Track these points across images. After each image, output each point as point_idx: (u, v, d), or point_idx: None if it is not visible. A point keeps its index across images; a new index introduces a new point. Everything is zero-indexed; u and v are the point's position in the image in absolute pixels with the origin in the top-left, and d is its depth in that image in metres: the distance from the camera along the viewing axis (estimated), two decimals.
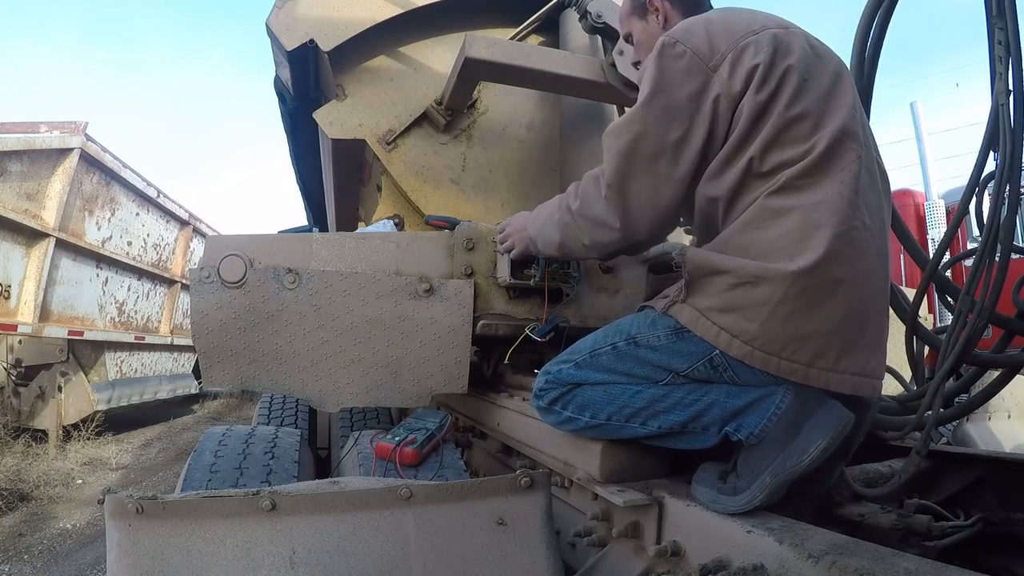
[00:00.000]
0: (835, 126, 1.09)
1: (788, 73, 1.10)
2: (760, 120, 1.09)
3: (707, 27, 1.17)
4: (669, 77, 1.14)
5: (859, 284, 1.04)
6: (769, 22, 1.18)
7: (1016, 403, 2.83)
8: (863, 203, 1.08)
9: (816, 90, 1.12)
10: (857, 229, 1.05)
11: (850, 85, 1.19)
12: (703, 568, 0.93)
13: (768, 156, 1.08)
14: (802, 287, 1.00)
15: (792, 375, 1.03)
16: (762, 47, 1.12)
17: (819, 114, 1.10)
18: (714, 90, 1.12)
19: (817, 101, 1.11)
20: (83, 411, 6.24)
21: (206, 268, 1.63)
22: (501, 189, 2.55)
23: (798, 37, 1.18)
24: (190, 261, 8.61)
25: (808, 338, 1.02)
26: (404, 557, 0.91)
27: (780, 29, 1.17)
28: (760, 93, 1.09)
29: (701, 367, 1.11)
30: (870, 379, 1.06)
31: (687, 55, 1.13)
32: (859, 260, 1.05)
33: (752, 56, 1.11)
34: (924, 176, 8.17)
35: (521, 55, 2.13)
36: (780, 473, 0.99)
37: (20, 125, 5.54)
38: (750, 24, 1.16)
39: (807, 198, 1.04)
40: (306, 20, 2.30)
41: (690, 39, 1.15)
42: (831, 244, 1.01)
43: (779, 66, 1.10)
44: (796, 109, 1.09)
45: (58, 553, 3.61)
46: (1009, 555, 1.26)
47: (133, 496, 0.86)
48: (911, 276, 6.45)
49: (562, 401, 1.24)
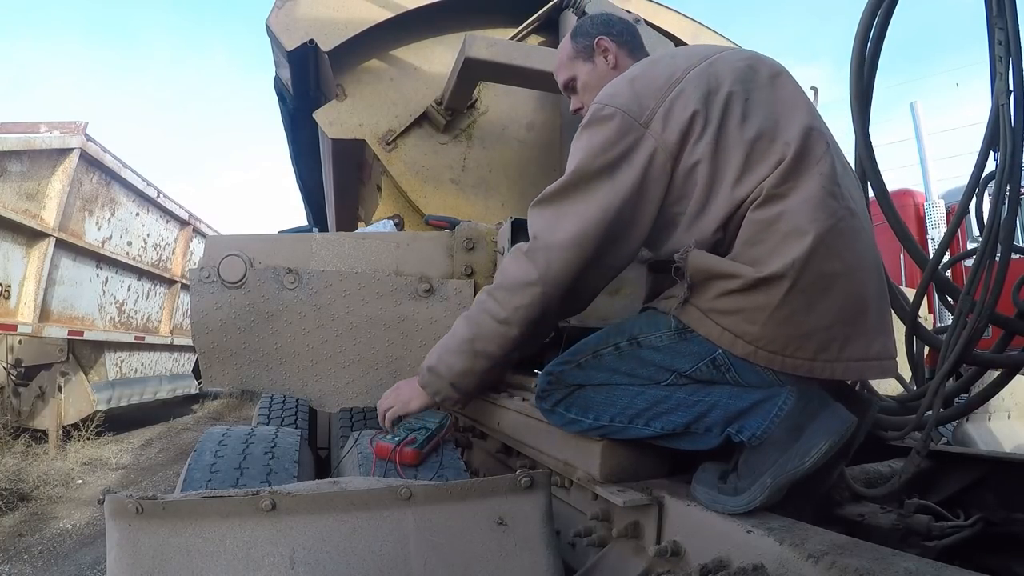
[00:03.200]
0: (797, 125, 1.10)
1: (730, 102, 1.12)
2: (718, 155, 1.10)
3: (632, 85, 1.16)
4: (602, 140, 1.12)
5: (853, 274, 1.05)
6: (691, 61, 1.19)
7: (1016, 403, 2.83)
8: (845, 191, 1.10)
9: (763, 101, 1.14)
10: (844, 219, 1.06)
11: (791, 81, 1.21)
12: (703, 568, 0.93)
13: (744, 181, 1.08)
14: (799, 289, 1.00)
15: (797, 370, 1.03)
16: (691, 95, 1.12)
17: (775, 121, 1.12)
18: (652, 145, 1.11)
19: (768, 111, 1.13)
20: (83, 411, 6.25)
21: (206, 268, 1.63)
22: (501, 189, 2.55)
23: (724, 61, 1.19)
24: (190, 261, 8.60)
25: (810, 335, 1.02)
26: (404, 557, 0.91)
27: (703, 62, 1.18)
28: (704, 137, 1.10)
29: (704, 367, 1.11)
30: (875, 362, 1.06)
31: (616, 115, 1.13)
32: (850, 250, 1.05)
33: (683, 106, 1.11)
34: (924, 176, 8.17)
35: (521, 55, 2.13)
36: (781, 474, 0.99)
37: (20, 125, 5.54)
38: (672, 72, 1.16)
39: (792, 200, 1.05)
40: (306, 20, 2.30)
41: (618, 100, 1.14)
42: (820, 240, 1.01)
43: (716, 102, 1.11)
44: (752, 130, 1.10)
45: (58, 553, 3.61)
46: (1009, 555, 1.26)
47: (133, 496, 0.86)
48: (911, 276, 6.45)
49: (565, 403, 1.24)
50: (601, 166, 1.12)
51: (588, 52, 1.45)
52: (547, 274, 1.13)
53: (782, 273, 1.00)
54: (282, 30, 2.28)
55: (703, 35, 2.83)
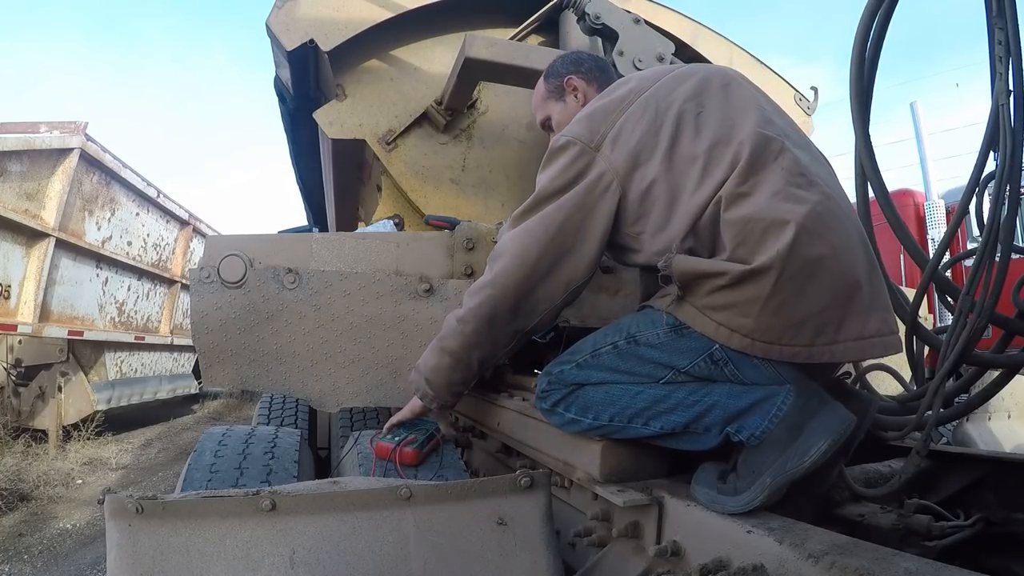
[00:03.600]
0: (749, 127, 1.13)
1: (681, 118, 1.17)
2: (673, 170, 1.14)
3: (586, 115, 1.25)
4: (559, 166, 1.22)
5: (840, 254, 1.05)
6: (643, 84, 1.26)
7: (1016, 403, 2.83)
8: (815, 178, 1.11)
9: (716, 110, 1.18)
10: (821, 203, 1.07)
11: (743, 87, 1.25)
12: (703, 568, 0.93)
13: (702, 187, 1.11)
14: (787, 277, 1.01)
15: (795, 357, 1.03)
16: (639, 119, 1.19)
17: (729, 127, 1.15)
18: (601, 168, 1.19)
19: (722, 118, 1.17)
20: (83, 411, 6.24)
21: (206, 268, 1.63)
22: (501, 189, 2.55)
23: (674, 81, 1.25)
24: (190, 261, 8.60)
25: (804, 321, 1.03)
26: (404, 557, 0.91)
27: (654, 85, 1.24)
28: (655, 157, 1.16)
29: (702, 363, 1.11)
30: (873, 339, 1.06)
31: (570, 145, 1.22)
32: (832, 232, 1.06)
33: (631, 130, 1.18)
34: (924, 176, 8.17)
35: (521, 55, 2.13)
36: (781, 474, 0.99)
37: (20, 125, 5.54)
38: (624, 97, 1.24)
39: (759, 197, 1.06)
40: (306, 20, 2.30)
41: (572, 130, 1.24)
42: (801, 227, 1.02)
43: (666, 121, 1.17)
44: (707, 140, 1.14)
45: (58, 553, 3.61)
46: (1009, 555, 1.26)
47: (133, 496, 0.86)
48: (911, 276, 6.45)
49: (565, 403, 1.25)
50: (554, 189, 1.21)
51: (559, 92, 1.54)
52: (495, 279, 1.22)
53: (768, 264, 1.01)
54: (282, 30, 2.28)
55: (702, 35, 2.83)
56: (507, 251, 1.23)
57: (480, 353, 1.29)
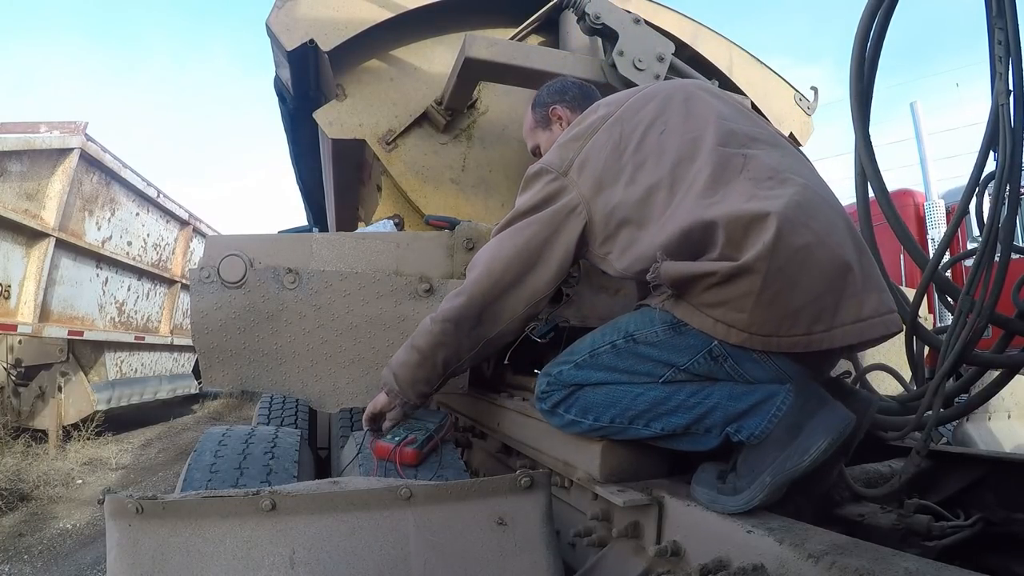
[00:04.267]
0: (709, 141, 1.17)
1: (644, 139, 1.23)
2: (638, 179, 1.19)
3: (558, 144, 1.34)
4: (533, 191, 1.31)
5: (827, 240, 1.05)
6: (610, 109, 1.33)
7: (1016, 403, 2.83)
8: (787, 172, 1.12)
9: (677, 128, 1.22)
10: (799, 193, 1.07)
11: (703, 100, 1.29)
12: (703, 568, 0.93)
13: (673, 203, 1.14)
14: (776, 268, 1.01)
15: (795, 347, 1.03)
16: (605, 143, 1.26)
17: (690, 142, 1.19)
18: (569, 192, 1.26)
19: (683, 135, 1.21)
20: (83, 411, 6.24)
21: (206, 268, 1.63)
22: (501, 189, 2.55)
23: (642, 98, 1.31)
24: (190, 261, 8.60)
25: (799, 311, 1.03)
26: (404, 557, 0.91)
27: (619, 108, 1.31)
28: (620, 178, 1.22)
29: (701, 360, 1.11)
30: (872, 320, 1.06)
31: (543, 172, 1.31)
32: (815, 219, 1.06)
33: (597, 155, 1.25)
34: (924, 176, 8.17)
35: (521, 55, 2.13)
36: (780, 473, 0.99)
37: (20, 125, 5.53)
38: (591, 123, 1.31)
39: (731, 202, 1.07)
40: (306, 20, 2.30)
41: (546, 159, 1.33)
42: (784, 218, 1.02)
43: (631, 144, 1.23)
44: (668, 162, 1.18)
45: (58, 553, 3.60)
46: (1009, 555, 1.26)
47: (133, 496, 0.86)
48: (911, 276, 6.45)
49: (565, 404, 1.25)
50: (525, 209, 1.30)
51: (545, 121, 1.63)
52: (466, 287, 1.30)
53: (756, 258, 1.01)
54: (282, 30, 2.28)
55: (702, 35, 2.83)
56: (479, 262, 1.32)
57: (445, 353, 1.33)
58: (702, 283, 1.07)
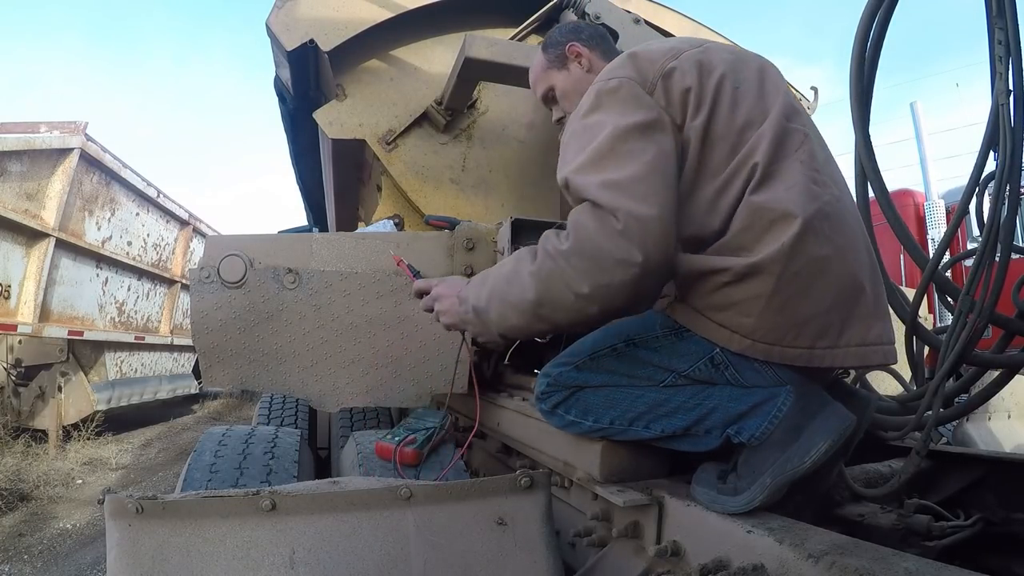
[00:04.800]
0: (775, 115, 1.11)
1: (721, 86, 1.12)
2: (709, 138, 1.10)
3: (632, 59, 1.16)
4: (622, 103, 1.08)
5: (845, 257, 1.05)
6: (683, 45, 1.20)
7: (1016, 403, 2.83)
8: (828, 178, 1.10)
9: (750, 92, 1.15)
10: (830, 203, 1.06)
11: (774, 74, 1.22)
12: (703, 568, 0.93)
13: (727, 166, 1.08)
14: (791, 273, 1.00)
15: (796, 360, 1.03)
16: (687, 71, 1.12)
17: (760, 112, 1.12)
18: (657, 111, 1.09)
19: (755, 101, 1.14)
20: (83, 411, 6.24)
21: (206, 268, 1.63)
22: (501, 189, 2.55)
23: (716, 50, 1.20)
24: (190, 261, 8.60)
25: (806, 322, 1.02)
26: (404, 557, 0.91)
27: (695, 49, 1.19)
28: (699, 116, 1.10)
29: (702, 366, 1.10)
30: (875, 347, 1.06)
31: (624, 84, 1.10)
32: (839, 233, 1.05)
33: (680, 80, 1.12)
34: (924, 176, 8.18)
35: (521, 55, 2.13)
36: (781, 474, 0.99)
37: (20, 125, 5.54)
38: (669, 51, 1.18)
39: (777, 187, 1.05)
40: (306, 20, 2.30)
41: (621, 72, 1.12)
42: (808, 224, 1.01)
43: (709, 84, 1.12)
44: (740, 119, 1.11)
45: (58, 553, 3.60)
46: (1009, 555, 1.26)
47: (133, 496, 0.86)
48: (911, 276, 6.45)
49: (565, 405, 1.24)
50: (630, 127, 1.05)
51: (561, 60, 1.46)
52: (651, 254, 0.99)
53: (771, 259, 1.00)
54: (282, 30, 2.28)
55: (702, 35, 2.83)
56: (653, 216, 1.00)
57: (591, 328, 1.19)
58: (711, 282, 1.05)
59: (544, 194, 2.58)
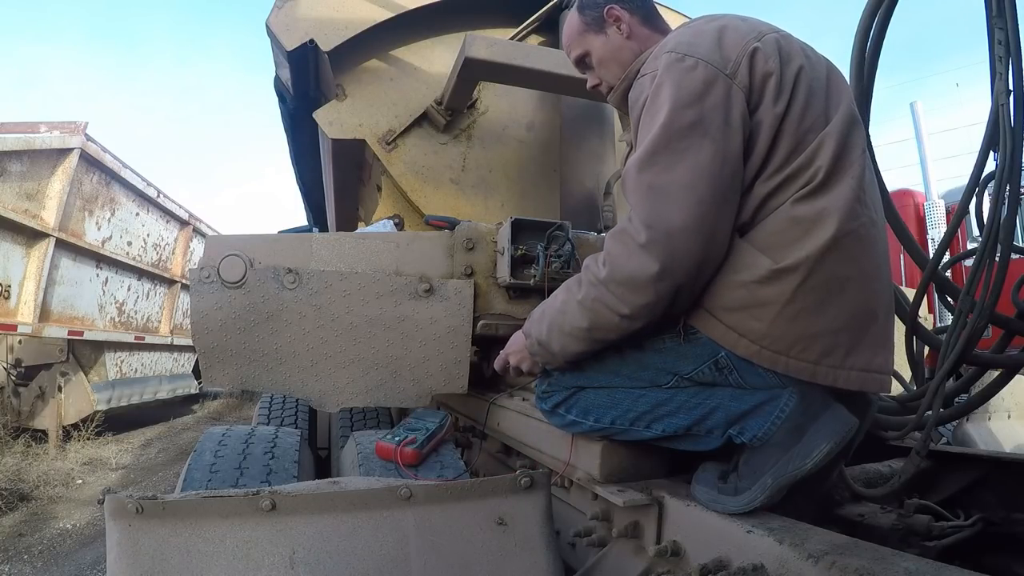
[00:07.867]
0: (839, 122, 1.07)
1: (799, 79, 1.07)
2: (780, 132, 1.05)
3: (711, 36, 1.08)
4: (689, 92, 1.02)
5: (867, 282, 1.04)
6: (761, 26, 1.14)
7: (1016, 403, 2.83)
8: (869, 199, 1.08)
9: (819, 93, 1.09)
10: (865, 226, 1.04)
11: (841, 80, 1.17)
12: (703, 568, 0.93)
13: (788, 166, 1.04)
14: (810, 285, 0.99)
15: (800, 373, 1.02)
16: (770, 54, 1.06)
17: (824, 116, 1.08)
18: (737, 98, 1.03)
19: (822, 104, 1.09)
20: (83, 411, 6.24)
21: (206, 268, 1.63)
22: (501, 189, 2.55)
23: (791, 39, 1.15)
24: (190, 261, 8.60)
25: (816, 337, 1.01)
26: (404, 557, 0.91)
27: (774, 33, 1.13)
28: (778, 104, 1.04)
29: (706, 369, 1.10)
30: (876, 375, 1.05)
31: (700, 65, 1.03)
32: (866, 258, 1.04)
33: (764, 62, 1.05)
34: (924, 176, 8.18)
35: (521, 55, 2.13)
36: (782, 475, 0.98)
37: (20, 125, 5.54)
38: (751, 30, 1.11)
39: (827, 199, 1.02)
40: (306, 20, 2.30)
41: (697, 49, 1.05)
42: (837, 241, 1.00)
43: (788, 74, 1.06)
44: (809, 118, 1.06)
45: (58, 553, 3.60)
46: (1009, 555, 1.26)
47: (133, 496, 0.86)
48: (911, 276, 6.45)
49: (566, 404, 1.24)
50: (693, 121, 1.01)
51: (599, 24, 1.32)
52: (672, 266, 1.00)
53: (795, 266, 0.99)
54: (282, 30, 2.28)
55: None
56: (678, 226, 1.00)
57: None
58: (728, 282, 1.03)
59: (544, 194, 2.58)
